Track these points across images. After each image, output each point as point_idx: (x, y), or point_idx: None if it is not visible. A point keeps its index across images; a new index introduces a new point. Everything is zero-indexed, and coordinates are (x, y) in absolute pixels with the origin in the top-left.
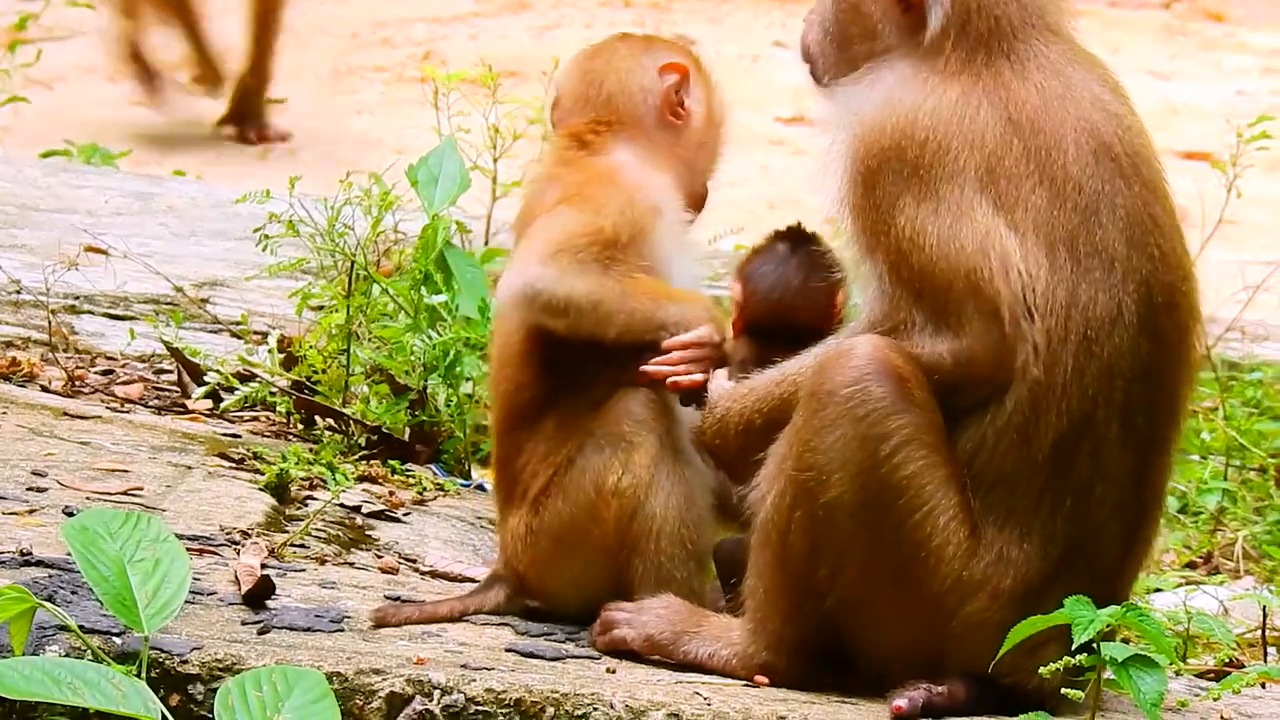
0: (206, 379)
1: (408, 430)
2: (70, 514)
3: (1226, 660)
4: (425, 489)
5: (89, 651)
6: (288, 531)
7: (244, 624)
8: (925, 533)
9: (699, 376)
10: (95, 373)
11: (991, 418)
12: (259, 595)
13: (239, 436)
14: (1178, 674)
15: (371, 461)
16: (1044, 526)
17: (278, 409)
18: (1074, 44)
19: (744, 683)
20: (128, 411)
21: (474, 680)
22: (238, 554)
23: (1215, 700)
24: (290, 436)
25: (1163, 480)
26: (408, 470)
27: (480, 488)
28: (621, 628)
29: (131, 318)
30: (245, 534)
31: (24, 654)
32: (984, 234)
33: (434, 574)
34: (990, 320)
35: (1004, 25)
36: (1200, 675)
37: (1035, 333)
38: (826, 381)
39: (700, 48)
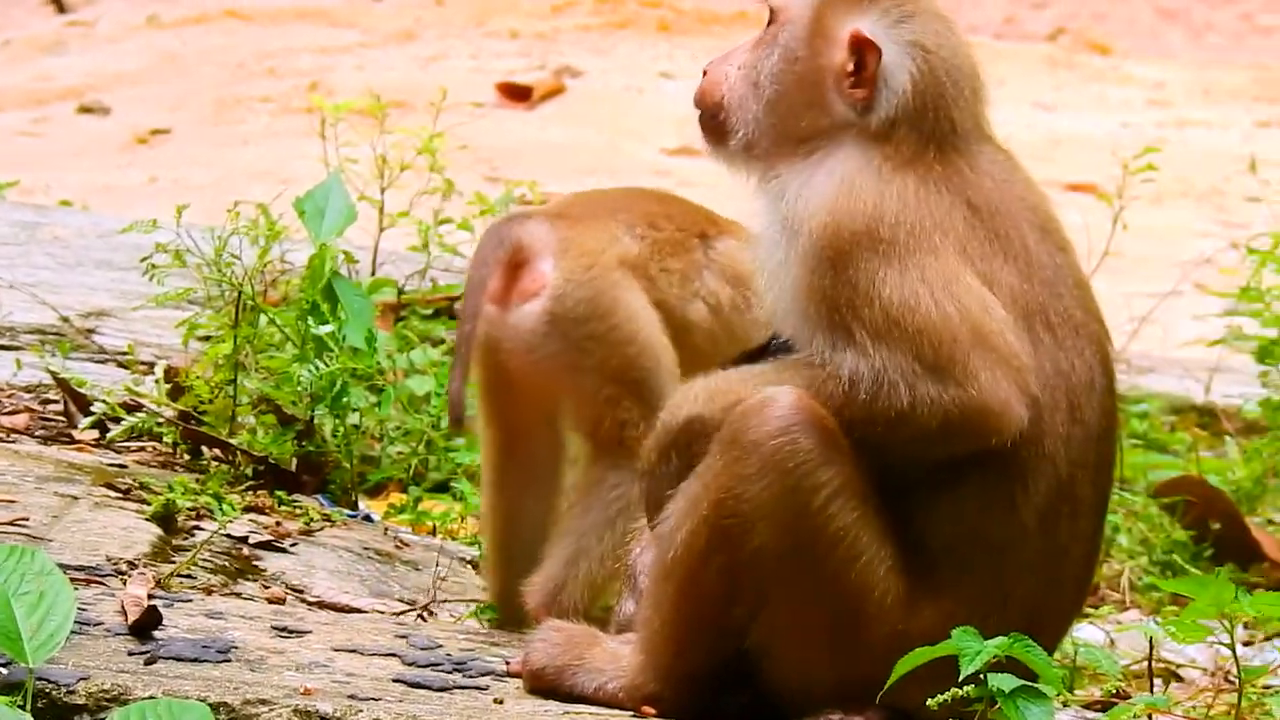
0: (93, 409)
1: (294, 460)
2: None
3: (1113, 691)
4: (312, 519)
5: None
6: (174, 562)
7: (131, 654)
8: (862, 582)
9: None
10: None
11: (979, 486)
12: (146, 626)
13: (125, 467)
14: (1065, 705)
15: (258, 492)
16: (1020, 592)
17: (164, 439)
18: (998, 145)
19: (631, 714)
20: (13, 441)
21: (361, 711)
22: (124, 584)
23: None
24: (177, 467)
25: (1103, 530)
26: (294, 501)
27: (367, 518)
28: (515, 664)
29: (17, 348)
30: (132, 564)
31: None
32: (980, 293)
33: (321, 604)
34: (999, 369)
35: (957, 127)
36: (1087, 706)
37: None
38: (750, 431)
39: (587, 79)
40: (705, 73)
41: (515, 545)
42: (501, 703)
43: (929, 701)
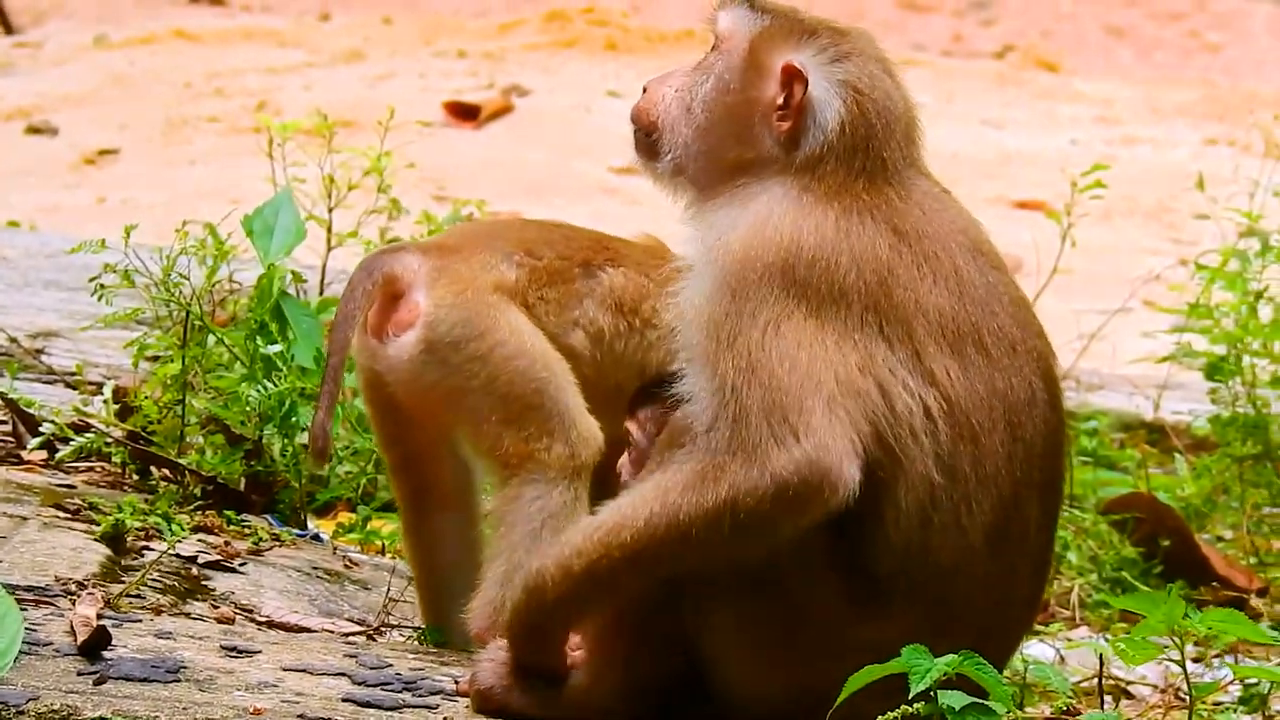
0: (42, 429)
1: (243, 480)
2: None
3: (1063, 708)
4: (261, 539)
5: None
6: (124, 582)
7: (80, 674)
8: (810, 603)
9: None
10: None
11: (922, 511)
12: (95, 646)
13: (74, 487)
14: None
15: (207, 512)
16: (970, 612)
17: (113, 459)
18: (930, 176)
19: None
20: None
21: None
22: (74, 605)
23: None
24: (126, 487)
25: (1052, 546)
26: (243, 520)
27: (316, 538)
28: (464, 684)
29: None
30: (81, 584)
31: None
32: (851, 357)
33: (270, 624)
34: (838, 429)
35: (887, 164)
36: None
37: (942, 439)
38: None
39: (534, 98)
40: (645, 90)
41: (439, 571)
42: None
43: (880, 719)
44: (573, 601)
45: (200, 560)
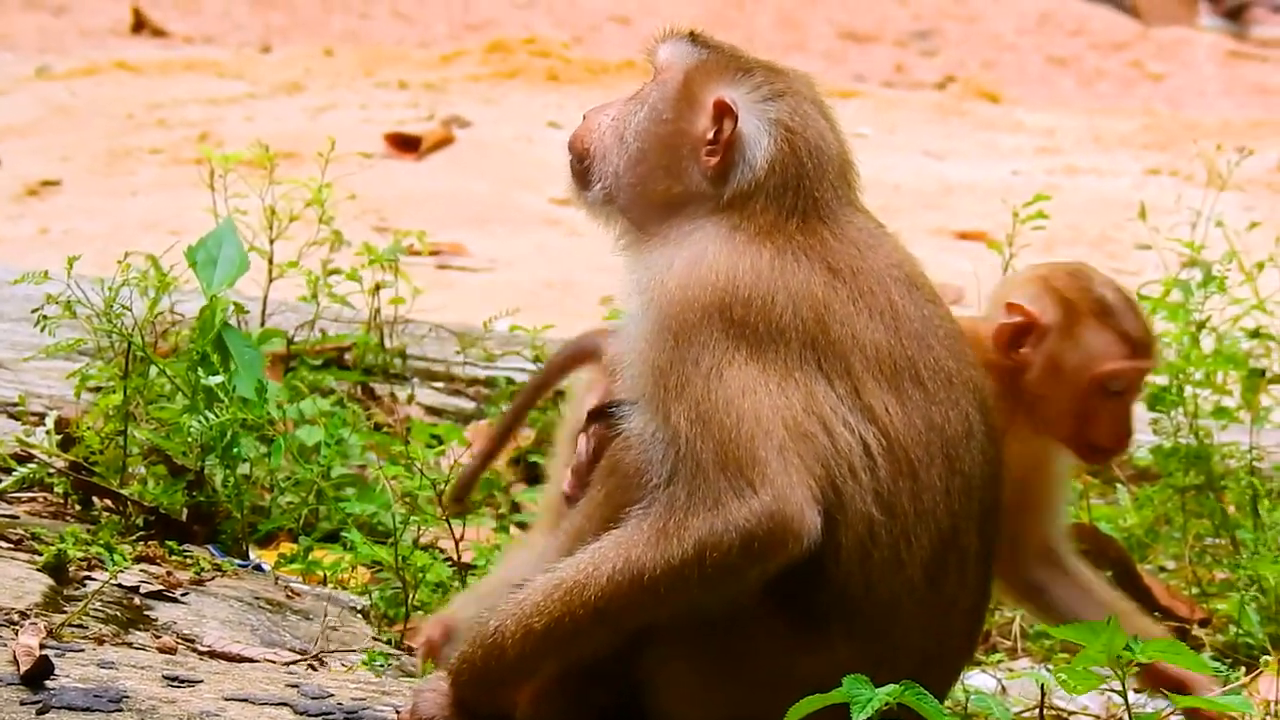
0: None
1: (185, 511)
2: None
3: None
4: (203, 569)
5: None
6: (66, 612)
7: (23, 704)
8: (747, 636)
9: None
10: None
11: (861, 544)
12: (37, 675)
13: (17, 517)
14: None
15: (149, 542)
16: (909, 644)
17: (55, 490)
18: (867, 211)
19: None
20: None
21: None
22: (16, 634)
23: None
24: (68, 517)
25: (992, 577)
26: (185, 550)
27: (258, 568)
28: (405, 714)
29: None
30: (23, 614)
31: None
32: (803, 399)
33: (212, 654)
34: (795, 476)
35: (821, 203)
36: None
37: (881, 475)
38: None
39: (475, 129)
40: (584, 118)
41: None
42: None
43: None
44: (531, 658)
45: (142, 590)
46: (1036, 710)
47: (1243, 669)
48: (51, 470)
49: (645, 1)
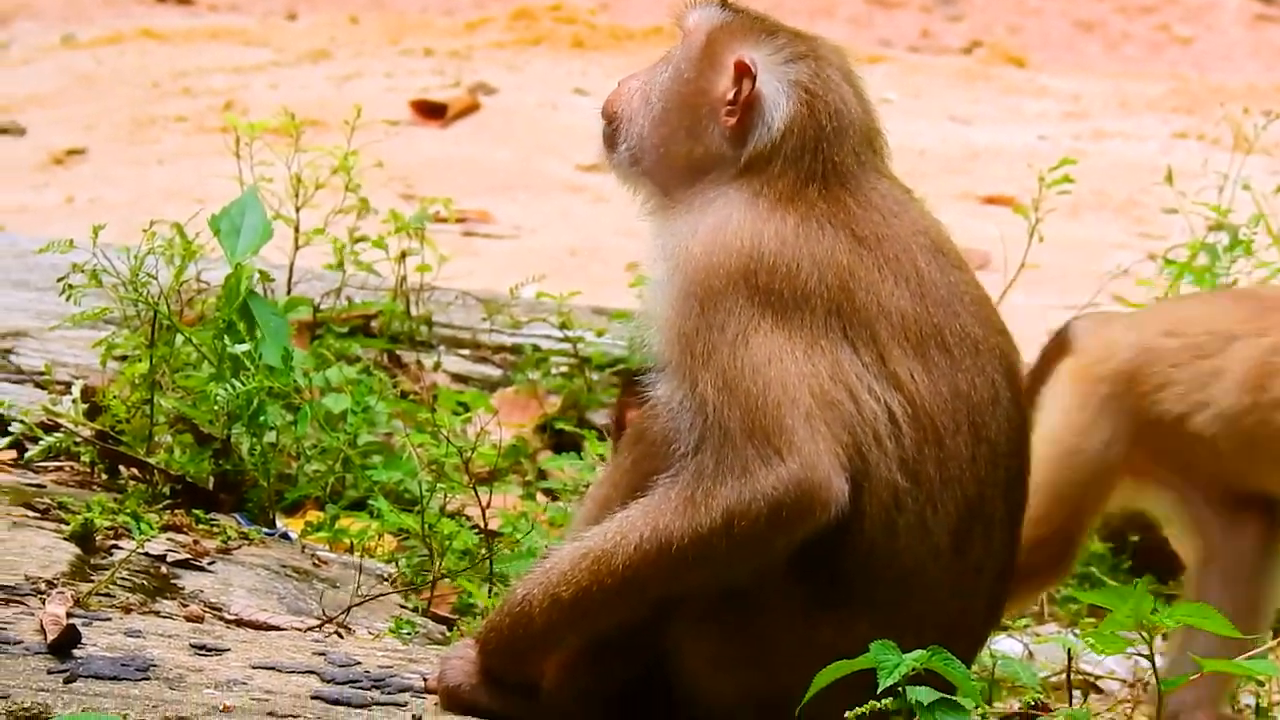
0: (10, 429)
1: (212, 479)
2: None
3: (1032, 703)
4: (230, 538)
5: None
6: (93, 581)
7: (50, 673)
8: (771, 605)
9: None
10: None
11: (886, 513)
12: (65, 644)
13: (44, 486)
14: (983, 717)
15: (176, 510)
16: (935, 611)
17: (82, 459)
18: (894, 178)
19: None
20: None
21: None
22: (43, 603)
23: None
24: (95, 486)
25: (1019, 543)
26: (212, 519)
27: (285, 536)
28: (432, 681)
29: None
30: (50, 583)
31: None
32: (830, 365)
33: (239, 622)
34: (822, 443)
35: (839, 168)
36: (1006, 718)
37: (906, 443)
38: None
39: (501, 96)
40: (619, 84)
41: None
42: (420, 719)
43: (847, 715)
44: (559, 627)
45: (169, 559)
46: (1064, 675)
47: (1269, 633)
48: (78, 439)
49: None
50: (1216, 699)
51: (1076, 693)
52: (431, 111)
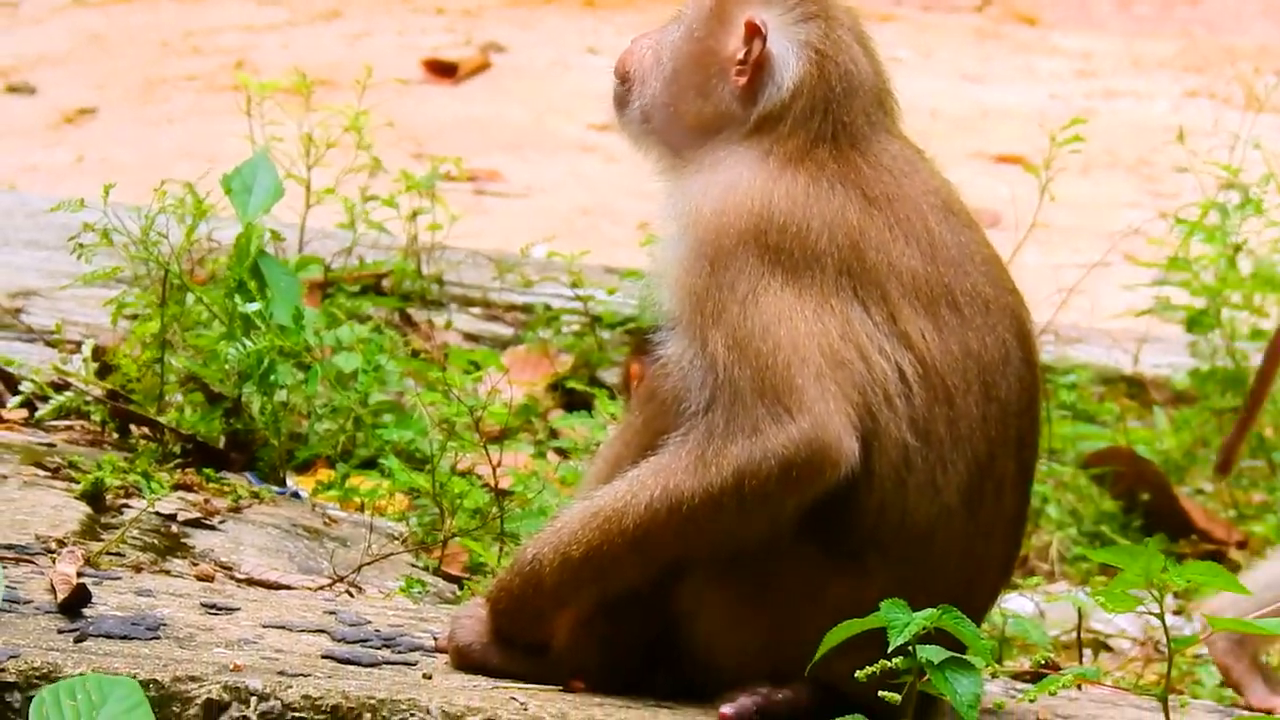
0: (21, 388)
1: (223, 438)
2: None
3: (1043, 662)
4: (241, 497)
5: None
6: (103, 540)
7: (60, 632)
8: (788, 570)
9: None
10: None
11: (897, 472)
12: (75, 603)
13: (54, 445)
14: (994, 676)
15: (187, 469)
16: (946, 571)
17: (93, 418)
18: (905, 138)
19: (559, 688)
20: None
21: (290, 687)
22: (53, 563)
23: (1031, 702)
24: (105, 445)
25: (1029, 502)
26: (223, 478)
27: (296, 495)
28: (443, 640)
29: None
30: (61, 542)
31: None
32: (840, 324)
33: (250, 581)
34: (833, 403)
35: (849, 129)
36: (1016, 677)
37: (916, 402)
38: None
39: (512, 55)
40: (631, 42)
41: None
42: (430, 678)
43: (857, 674)
44: (569, 587)
45: (180, 518)
46: (1074, 634)
47: None
48: (89, 398)
49: None
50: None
51: (1087, 651)
52: (443, 70)
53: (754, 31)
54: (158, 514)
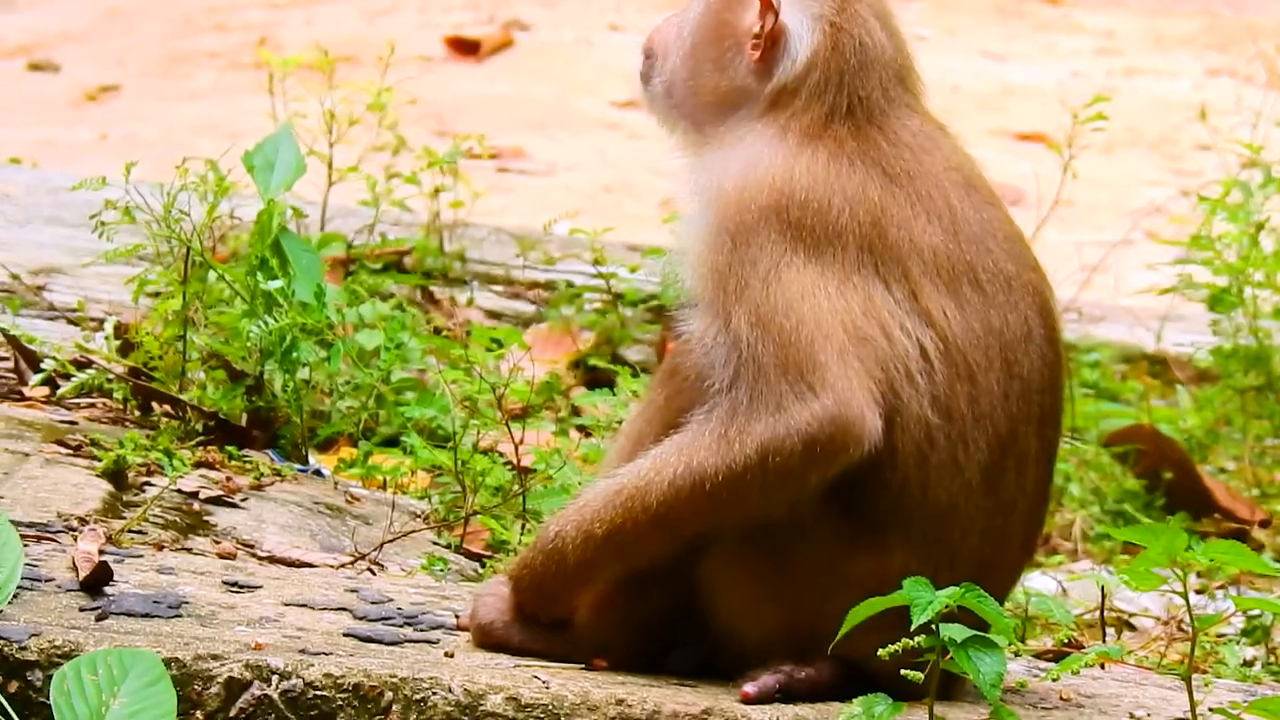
0: (43, 366)
1: (244, 416)
2: None
3: (1065, 641)
4: (262, 474)
5: None
6: (125, 518)
7: (82, 610)
8: (804, 544)
9: None
10: None
11: (919, 449)
12: (97, 581)
13: (76, 423)
14: (1017, 655)
15: (208, 447)
16: (968, 549)
17: (115, 395)
18: (927, 114)
19: (582, 666)
20: None
21: (312, 665)
22: (75, 540)
23: (1054, 681)
24: (127, 423)
25: (1052, 480)
26: (245, 456)
27: (318, 473)
28: (465, 619)
29: None
30: (83, 520)
31: None
32: (862, 301)
33: (271, 559)
34: (855, 379)
35: (867, 103)
36: (1039, 656)
37: (938, 380)
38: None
39: (535, 32)
40: (662, 21)
41: None
42: (452, 656)
43: (880, 652)
44: (592, 564)
45: (202, 496)
46: (1097, 613)
47: None
48: (111, 376)
49: None
50: None
51: (1110, 630)
52: (465, 48)
53: (768, 5)
54: (179, 491)
